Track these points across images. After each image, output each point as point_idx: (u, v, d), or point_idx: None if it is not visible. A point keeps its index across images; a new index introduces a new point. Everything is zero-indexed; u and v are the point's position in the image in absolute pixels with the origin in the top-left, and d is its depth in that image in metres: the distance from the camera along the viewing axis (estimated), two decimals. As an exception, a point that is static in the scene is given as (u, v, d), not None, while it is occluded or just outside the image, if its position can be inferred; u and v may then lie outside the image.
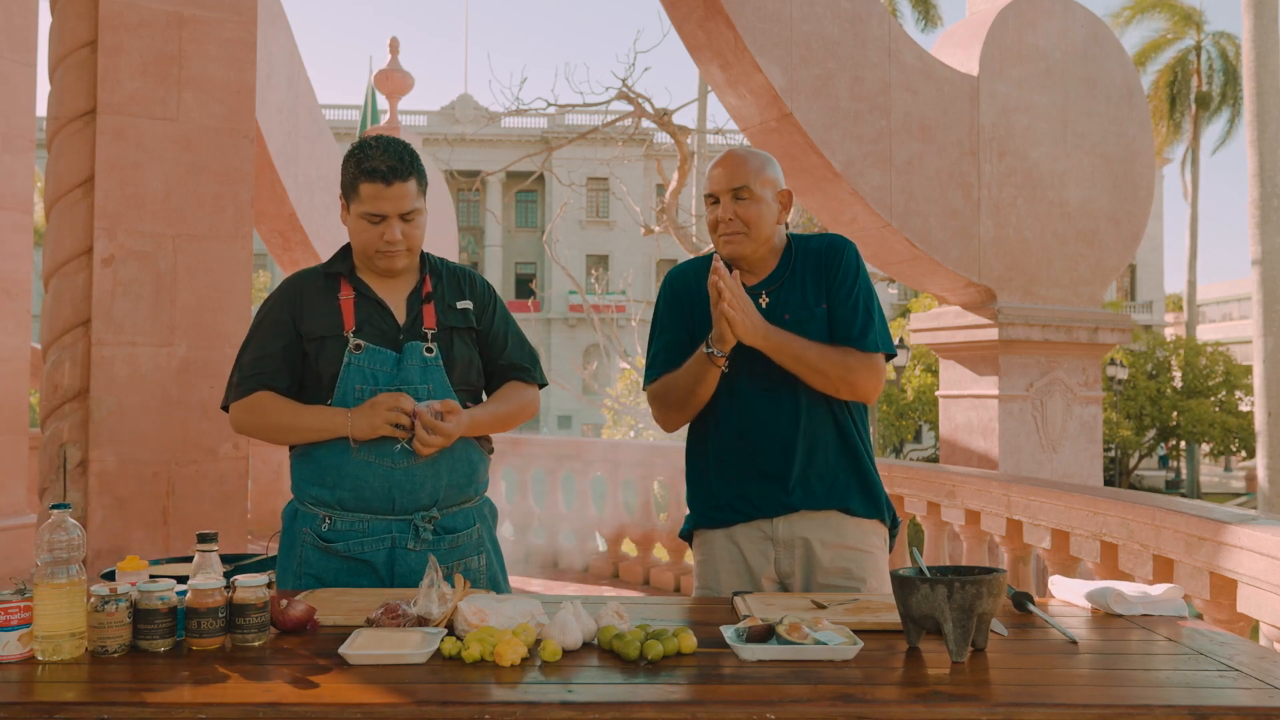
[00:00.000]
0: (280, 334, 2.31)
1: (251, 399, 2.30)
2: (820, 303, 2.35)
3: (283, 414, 2.28)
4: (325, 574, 2.26)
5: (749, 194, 2.36)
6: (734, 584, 2.37)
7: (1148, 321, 37.91)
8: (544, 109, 13.76)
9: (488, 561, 2.39)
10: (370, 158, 2.24)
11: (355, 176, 2.25)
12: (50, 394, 3.87)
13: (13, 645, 1.61)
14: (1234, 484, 35.43)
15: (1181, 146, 31.00)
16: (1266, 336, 11.45)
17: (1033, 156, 6.36)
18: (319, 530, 2.28)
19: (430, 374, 2.28)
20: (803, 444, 2.33)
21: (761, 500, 2.36)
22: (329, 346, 2.28)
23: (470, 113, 39.51)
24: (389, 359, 2.27)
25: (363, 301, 2.32)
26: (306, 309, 2.32)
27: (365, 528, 2.26)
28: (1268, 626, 2.92)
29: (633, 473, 7.24)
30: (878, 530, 2.39)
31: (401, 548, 2.26)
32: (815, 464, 2.34)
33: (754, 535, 2.37)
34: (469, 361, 2.37)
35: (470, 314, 2.39)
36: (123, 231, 3.90)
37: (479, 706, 1.44)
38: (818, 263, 2.38)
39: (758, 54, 5.54)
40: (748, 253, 2.38)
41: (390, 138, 2.30)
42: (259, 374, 2.30)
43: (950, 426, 6.65)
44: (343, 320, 2.29)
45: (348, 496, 2.25)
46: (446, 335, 2.33)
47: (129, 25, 3.94)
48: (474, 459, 2.35)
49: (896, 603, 1.73)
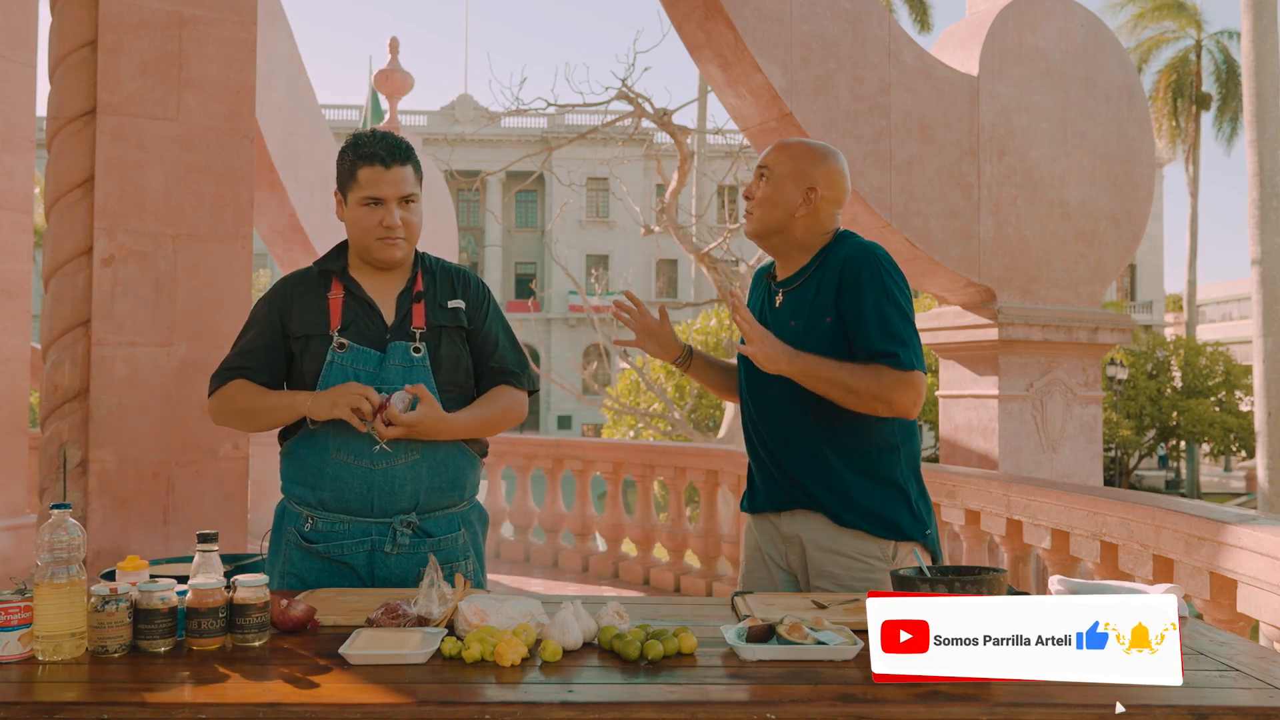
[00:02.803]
0: (265, 331, 2.33)
1: (225, 388, 2.32)
2: (826, 315, 2.28)
3: (250, 398, 2.29)
4: (307, 574, 2.26)
5: (767, 174, 2.37)
6: (755, 570, 2.43)
7: (1148, 321, 37.91)
8: (544, 109, 13.74)
9: (474, 569, 2.36)
10: (367, 144, 2.26)
11: (353, 163, 2.26)
12: (50, 394, 3.87)
13: (13, 645, 1.61)
14: (1234, 484, 35.41)
15: (1182, 146, 30.98)
16: (1266, 336, 11.46)
17: (1033, 156, 6.36)
18: (302, 530, 2.28)
19: (415, 374, 2.26)
20: (788, 441, 2.33)
21: (764, 491, 2.40)
22: (314, 345, 2.28)
23: (470, 113, 39.51)
24: (372, 358, 2.26)
25: (351, 300, 2.31)
26: (295, 308, 2.32)
27: (345, 529, 2.25)
28: (1268, 626, 2.92)
29: (633, 473, 7.25)
30: (875, 542, 2.29)
31: (380, 550, 2.24)
32: (801, 463, 2.31)
33: (766, 526, 2.42)
34: (456, 361, 2.34)
35: (461, 313, 2.36)
36: (123, 231, 3.90)
37: (479, 706, 1.44)
38: (836, 273, 2.29)
39: (757, 54, 5.54)
40: (752, 232, 2.39)
41: (383, 132, 2.32)
42: (237, 368, 2.33)
43: (950, 426, 6.64)
44: (329, 319, 2.29)
45: (328, 496, 2.25)
46: (435, 334, 2.31)
47: (129, 25, 3.94)
48: (460, 463, 2.32)
49: (896, 603, 1.73)
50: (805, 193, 2.34)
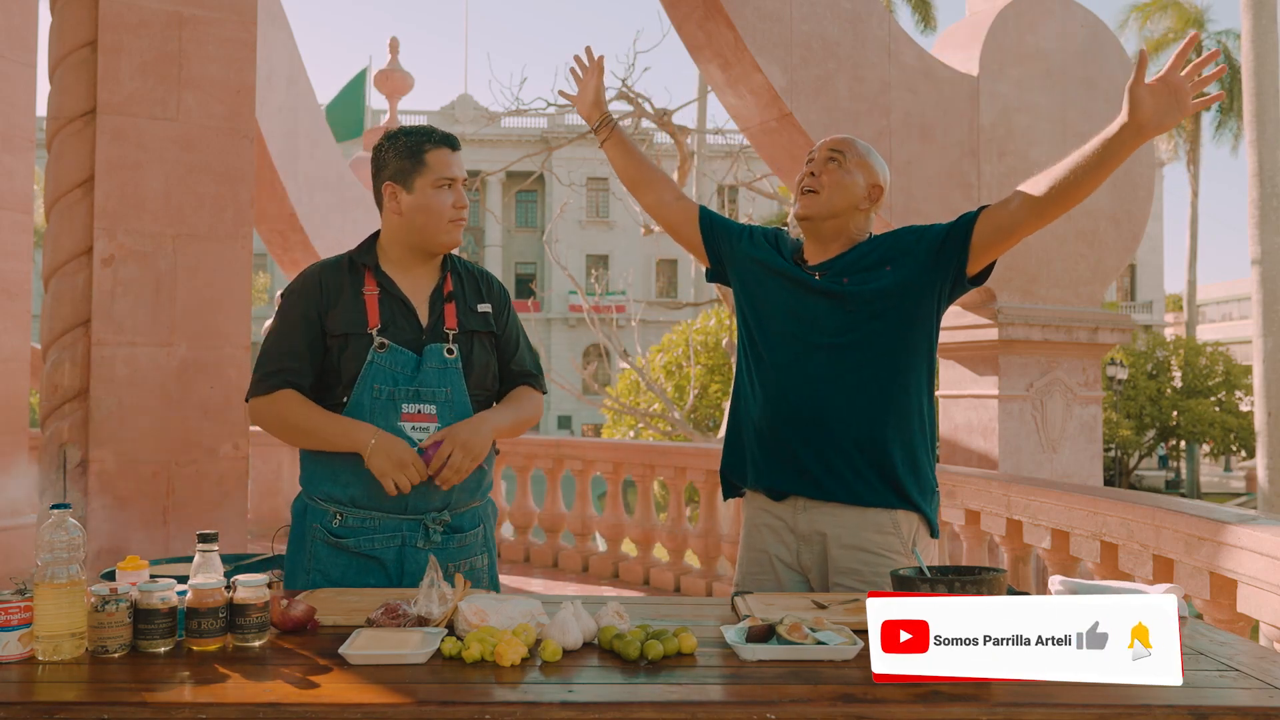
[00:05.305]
0: (306, 331, 2.29)
1: (275, 396, 2.29)
2: (885, 264, 2.31)
3: (305, 418, 2.26)
4: (334, 570, 2.27)
5: (839, 159, 2.38)
6: (757, 571, 2.40)
7: (1148, 321, 37.90)
8: (544, 109, 13.76)
9: (489, 561, 2.41)
10: (425, 132, 2.33)
11: (419, 147, 2.30)
12: (50, 394, 3.87)
13: (13, 645, 1.61)
14: (1234, 484, 35.41)
15: (1182, 146, 30.99)
16: (1266, 336, 11.46)
17: (1033, 156, 6.36)
18: (329, 526, 2.28)
19: (449, 377, 2.28)
20: (829, 421, 2.32)
21: (770, 472, 2.40)
22: (353, 344, 2.27)
23: (470, 113, 39.51)
24: (409, 361, 2.27)
25: (387, 298, 2.31)
26: (331, 303, 2.30)
27: (376, 524, 2.26)
28: (1268, 626, 2.92)
29: (633, 473, 7.25)
30: (895, 535, 2.28)
31: (411, 546, 2.27)
32: (840, 444, 2.30)
33: (776, 525, 2.40)
34: (486, 366, 2.38)
35: (490, 318, 2.40)
36: (123, 231, 3.90)
37: (479, 706, 1.44)
38: (880, 246, 2.36)
39: (757, 54, 5.54)
40: (813, 213, 2.36)
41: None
42: (284, 370, 2.29)
43: (950, 426, 6.64)
44: (367, 317, 2.28)
45: (360, 495, 2.25)
46: (467, 339, 2.34)
47: (129, 25, 3.94)
48: (485, 461, 2.36)
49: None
50: (870, 188, 2.39)
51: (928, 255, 2.31)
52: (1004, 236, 2.29)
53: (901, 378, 2.30)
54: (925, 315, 2.33)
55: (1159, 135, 2.09)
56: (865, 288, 2.29)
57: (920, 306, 2.31)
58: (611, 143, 2.65)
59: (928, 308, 2.33)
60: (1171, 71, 2.00)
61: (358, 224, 9.72)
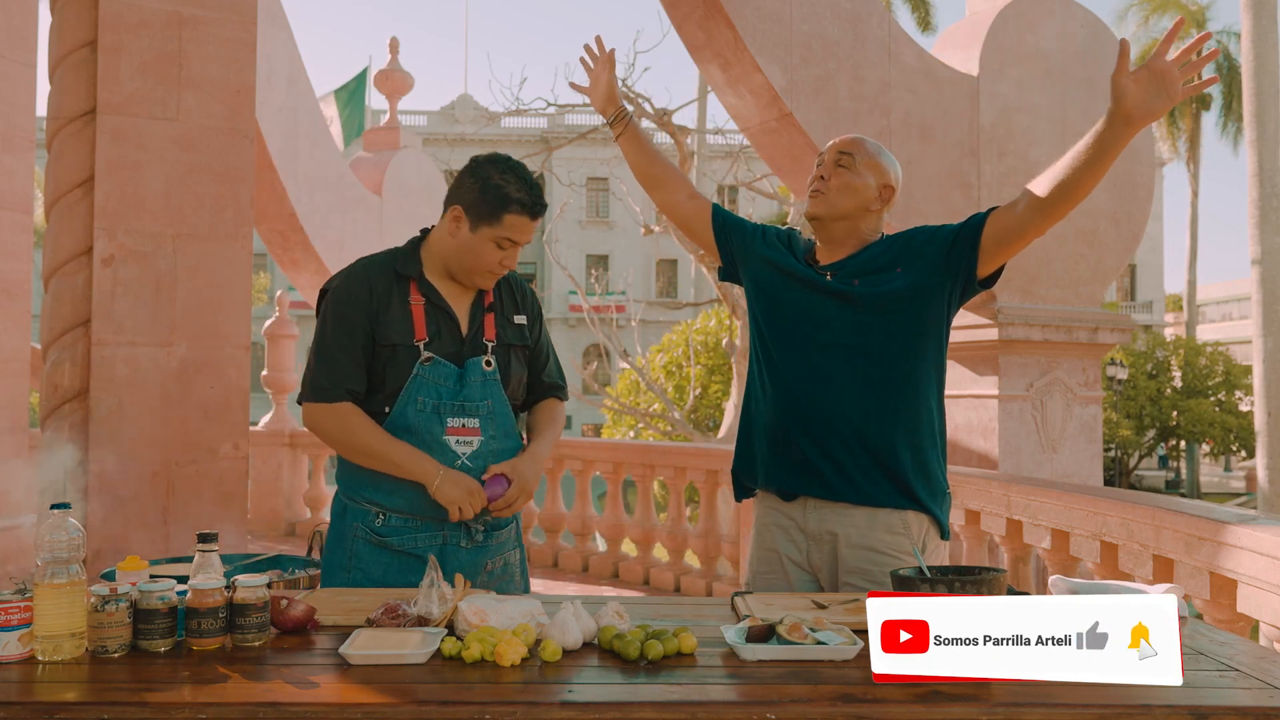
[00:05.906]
0: (360, 337, 2.28)
1: (339, 408, 2.28)
2: (895, 266, 2.30)
3: (374, 440, 2.25)
4: (375, 568, 2.28)
5: (849, 162, 2.36)
6: (767, 571, 2.41)
7: (1148, 321, 37.88)
8: (544, 109, 13.76)
9: (521, 556, 2.48)
10: (520, 187, 2.26)
11: (503, 204, 2.25)
12: (50, 394, 3.87)
13: (13, 645, 1.61)
14: (1234, 484, 35.41)
15: (1182, 146, 30.99)
16: (1266, 336, 11.45)
17: (1033, 156, 6.36)
18: (372, 525, 2.30)
19: (489, 389, 2.31)
20: (838, 421, 2.32)
21: (780, 472, 2.41)
22: (400, 355, 2.27)
23: (470, 113, 39.49)
24: (452, 374, 2.28)
25: (432, 309, 2.32)
26: (381, 312, 2.29)
27: (419, 524, 2.29)
28: (1268, 626, 2.92)
29: (633, 473, 7.25)
30: (904, 535, 2.28)
31: (454, 545, 2.30)
32: (854, 444, 2.30)
33: (785, 524, 2.40)
34: (520, 379, 2.41)
35: (525, 330, 2.43)
36: (122, 231, 3.90)
37: (479, 706, 1.44)
38: (892, 247, 2.35)
39: (757, 54, 5.54)
40: (822, 213, 2.35)
41: (524, 167, 2.31)
42: (346, 380, 2.28)
43: (950, 426, 6.61)
44: (414, 328, 2.28)
45: (403, 503, 2.28)
46: (504, 351, 2.36)
47: (129, 25, 3.94)
48: None
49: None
50: (881, 189, 2.38)
51: (938, 257, 2.31)
52: (1013, 238, 2.28)
53: (911, 380, 2.31)
54: (935, 317, 2.33)
55: (1153, 123, 2.07)
56: (876, 290, 2.29)
57: (930, 308, 2.32)
58: (626, 137, 2.63)
59: (938, 310, 2.33)
60: (1157, 58, 1.99)
61: (358, 224, 9.73)
